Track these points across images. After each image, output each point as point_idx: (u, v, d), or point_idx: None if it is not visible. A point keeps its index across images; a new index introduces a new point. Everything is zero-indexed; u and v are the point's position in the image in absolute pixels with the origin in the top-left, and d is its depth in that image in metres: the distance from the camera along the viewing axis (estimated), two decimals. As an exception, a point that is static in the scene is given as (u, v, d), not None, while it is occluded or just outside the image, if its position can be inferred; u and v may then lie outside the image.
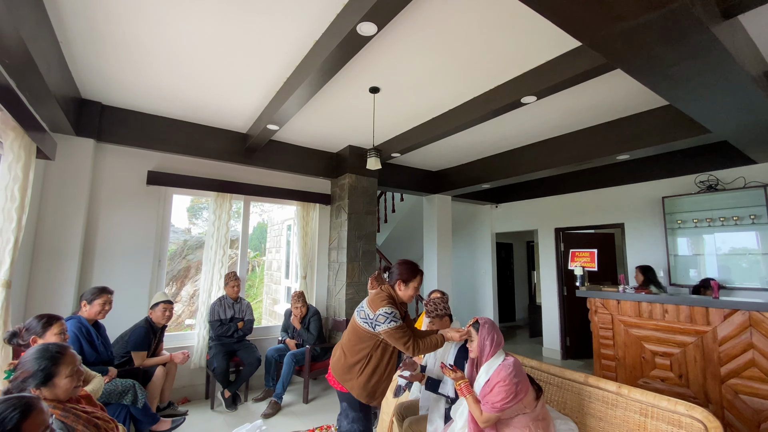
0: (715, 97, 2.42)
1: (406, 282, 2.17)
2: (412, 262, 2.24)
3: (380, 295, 2.14)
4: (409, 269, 2.19)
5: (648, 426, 1.94)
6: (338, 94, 3.28)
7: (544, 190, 6.25)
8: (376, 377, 2.09)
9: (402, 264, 2.22)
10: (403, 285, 2.17)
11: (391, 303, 2.09)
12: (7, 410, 1.09)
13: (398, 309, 2.10)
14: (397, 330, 2.03)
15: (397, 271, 2.20)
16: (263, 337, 4.48)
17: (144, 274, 3.81)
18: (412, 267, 2.21)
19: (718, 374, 3.02)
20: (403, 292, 2.18)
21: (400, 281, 2.18)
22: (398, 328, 2.03)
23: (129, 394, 2.67)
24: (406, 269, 2.19)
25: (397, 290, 2.18)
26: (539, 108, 3.52)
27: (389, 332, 2.02)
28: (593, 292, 3.87)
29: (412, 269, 2.20)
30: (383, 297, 2.12)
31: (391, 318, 2.03)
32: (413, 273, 2.19)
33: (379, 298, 2.11)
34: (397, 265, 2.22)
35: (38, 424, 1.13)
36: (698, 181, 4.42)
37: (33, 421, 1.12)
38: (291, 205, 4.94)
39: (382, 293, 2.15)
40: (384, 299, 2.10)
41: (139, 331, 3.19)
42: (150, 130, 3.79)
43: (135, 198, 3.82)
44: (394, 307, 2.08)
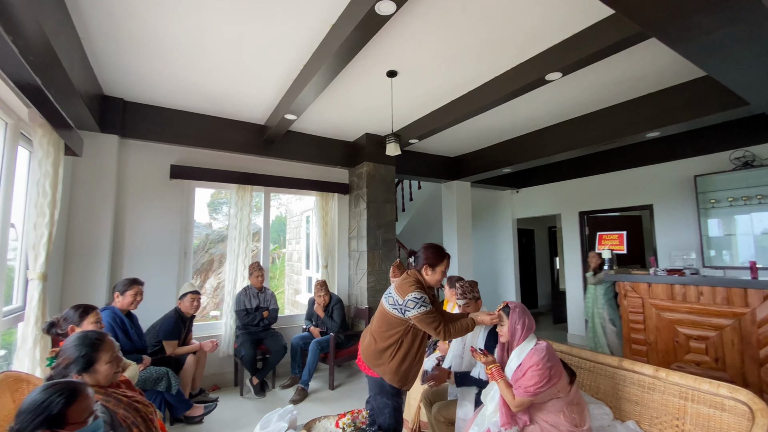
0: (756, 65, 2.27)
1: (433, 266, 2.14)
2: (439, 246, 2.20)
3: (408, 280, 2.12)
4: (435, 253, 2.16)
5: (688, 409, 1.87)
6: (355, 80, 3.23)
7: (567, 172, 6.08)
8: (408, 362, 2.09)
9: (428, 248, 2.19)
10: (430, 270, 2.15)
11: (419, 288, 2.06)
12: (54, 395, 1.12)
13: (427, 293, 2.08)
14: (428, 315, 2.00)
15: (423, 255, 2.17)
16: (288, 326, 4.55)
17: (171, 266, 3.90)
18: (438, 251, 2.17)
19: (758, 357, 2.90)
20: (430, 276, 2.15)
21: (427, 266, 2.15)
22: (428, 313, 2.01)
23: (163, 381, 2.75)
24: (432, 253, 2.16)
25: (424, 275, 2.15)
26: (563, 86, 3.39)
27: (419, 317, 2.00)
28: (622, 276, 3.76)
29: (438, 253, 2.16)
30: (411, 282, 2.09)
31: (421, 303, 2.01)
32: (440, 257, 2.15)
33: (407, 284, 2.09)
34: (423, 250, 2.19)
35: (83, 409, 1.16)
36: (733, 158, 4.20)
37: (79, 406, 1.15)
38: (310, 195, 4.96)
39: (410, 278, 2.13)
40: (412, 284, 2.08)
41: (169, 321, 3.28)
42: (171, 125, 3.84)
43: (159, 192, 3.90)
44: (423, 291, 2.06)
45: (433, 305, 2.10)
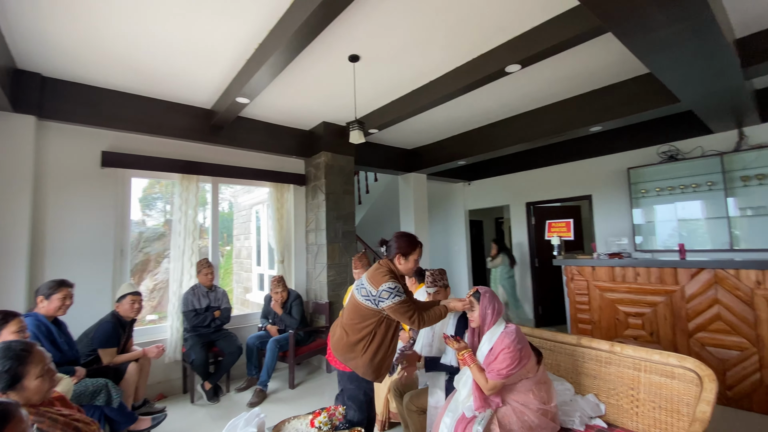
0: (692, 63, 2.49)
1: (406, 255, 2.10)
2: (411, 235, 2.16)
3: (380, 270, 2.05)
4: (408, 242, 2.11)
5: (641, 379, 2.02)
6: (314, 63, 3.07)
7: (516, 165, 6.37)
8: (381, 354, 2.03)
9: (400, 237, 2.14)
10: (403, 258, 2.10)
11: (393, 277, 2.01)
12: None
13: (400, 282, 2.03)
14: (402, 304, 1.96)
15: (396, 244, 2.11)
16: (241, 326, 4.28)
17: (105, 266, 3.48)
18: (411, 239, 2.13)
19: (686, 329, 3.25)
20: (403, 265, 2.10)
21: (400, 255, 2.10)
22: (403, 302, 1.96)
23: (102, 394, 2.44)
24: (405, 242, 2.11)
25: (397, 264, 2.10)
26: (519, 80, 3.51)
27: (394, 307, 1.95)
28: (570, 261, 4.02)
29: (411, 242, 2.12)
30: (384, 272, 2.03)
31: (395, 293, 1.95)
32: (412, 245, 2.11)
33: (380, 274, 2.02)
34: (396, 239, 2.14)
35: (18, 431, 0.95)
36: (660, 152, 4.65)
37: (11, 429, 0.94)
38: (263, 186, 4.69)
39: (382, 268, 2.06)
40: (385, 274, 2.02)
41: (106, 327, 2.91)
42: (101, 106, 3.40)
43: (89, 182, 3.44)
44: (397, 281, 2.01)
45: (406, 294, 2.06)
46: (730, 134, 4.19)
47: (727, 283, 3.04)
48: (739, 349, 2.97)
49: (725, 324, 3.04)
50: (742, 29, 2.80)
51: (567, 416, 2.04)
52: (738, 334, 2.98)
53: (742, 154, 4.08)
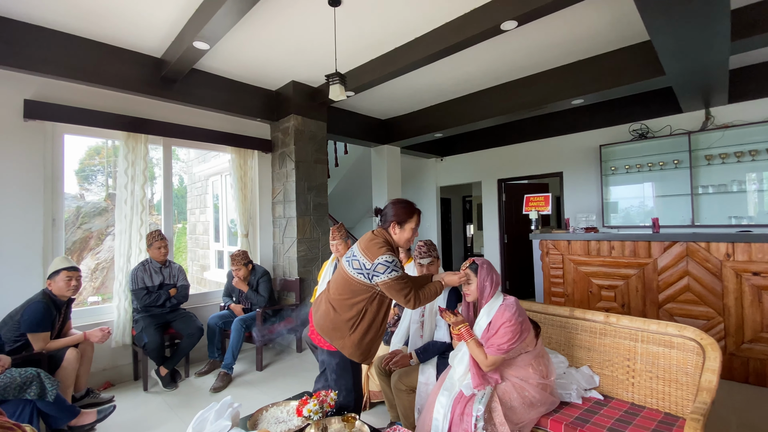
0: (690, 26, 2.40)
1: (401, 224, 1.87)
2: (408, 201, 1.93)
3: (376, 241, 1.81)
4: (404, 209, 1.88)
5: (638, 350, 1.98)
6: (287, 5, 2.67)
7: (489, 141, 6.30)
8: (371, 334, 1.82)
9: (396, 203, 1.90)
10: (398, 227, 1.87)
11: (390, 250, 1.79)
12: None
13: (397, 256, 1.80)
14: (398, 281, 1.74)
15: (392, 211, 1.88)
16: (200, 305, 3.90)
17: (34, 237, 2.94)
18: (408, 206, 1.90)
19: (657, 300, 3.33)
20: (399, 235, 1.88)
21: (395, 223, 1.87)
22: (399, 278, 1.74)
23: (33, 387, 2.04)
24: (401, 209, 1.88)
25: (392, 233, 1.88)
26: (506, 43, 3.32)
27: (389, 283, 1.73)
28: (546, 235, 4.00)
29: (407, 208, 1.89)
30: (380, 243, 1.80)
31: (392, 267, 1.73)
32: (409, 212, 1.89)
33: (375, 245, 1.79)
34: (391, 205, 1.91)
35: None
36: (631, 130, 4.72)
37: None
38: (224, 152, 4.22)
39: (378, 239, 1.83)
40: (382, 246, 1.78)
41: (36, 307, 2.46)
42: (24, 44, 2.78)
43: (9, 137, 2.85)
44: (394, 254, 1.79)
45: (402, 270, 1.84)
46: (697, 114, 4.31)
47: (698, 255, 3.12)
48: (705, 318, 3.09)
49: (694, 295, 3.15)
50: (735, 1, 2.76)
51: (563, 389, 1.97)
52: (705, 305, 3.09)
53: (707, 134, 4.22)
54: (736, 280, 2.97)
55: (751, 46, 2.93)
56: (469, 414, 1.72)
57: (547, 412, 1.82)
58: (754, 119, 3.97)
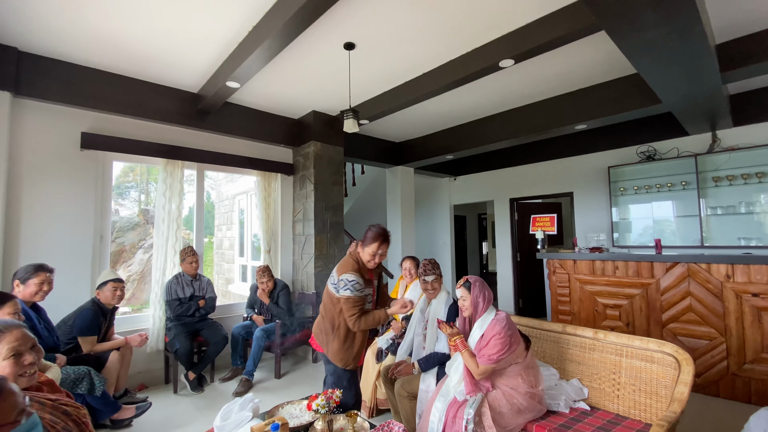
0: (676, 65, 2.60)
1: (364, 245, 2.17)
2: (380, 230, 2.18)
3: (347, 260, 2.17)
4: (371, 234, 2.16)
5: (623, 364, 2.12)
6: (308, 49, 3.04)
7: (501, 162, 6.49)
8: (348, 343, 2.12)
9: (370, 228, 2.20)
10: (361, 247, 2.19)
11: (356, 270, 2.09)
12: None
13: (363, 277, 2.11)
14: (349, 300, 2.04)
15: (365, 234, 2.21)
16: (226, 315, 4.22)
17: (84, 252, 3.35)
18: (375, 233, 2.17)
19: (660, 320, 3.41)
20: (361, 254, 2.18)
21: (361, 243, 2.20)
22: (351, 298, 2.04)
23: (84, 383, 2.37)
24: (368, 233, 2.18)
25: (358, 249, 2.20)
26: (509, 76, 3.57)
27: (343, 299, 2.05)
28: (553, 254, 4.14)
29: (372, 235, 2.16)
30: (350, 264, 2.13)
31: (350, 286, 2.04)
32: (372, 239, 2.15)
33: (345, 264, 2.14)
34: (367, 228, 2.22)
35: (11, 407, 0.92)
36: (639, 152, 4.84)
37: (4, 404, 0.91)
38: (251, 175, 4.61)
39: (350, 259, 2.17)
40: (351, 265, 2.12)
41: (87, 314, 2.82)
42: (82, 85, 3.25)
43: (68, 164, 3.30)
44: (359, 275, 2.08)
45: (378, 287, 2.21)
46: (704, 137, 4.40)
47: (699, 276, 3.21)
48: (708, 339, 3.15)
49: (696, 315, 3.22)
50: (721, 35, 2.94)
51: (553, 399, 2.13)
52: (707, 325, 3.16)
53: (714, 156, 4.30)
54: (736, 301, 3.04)
55: (741, 77, 3.07)
56: (461, 417, 1.91)
57: (534, 419, 1.99)
58: (760, 142, 4.03)
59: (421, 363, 2.42)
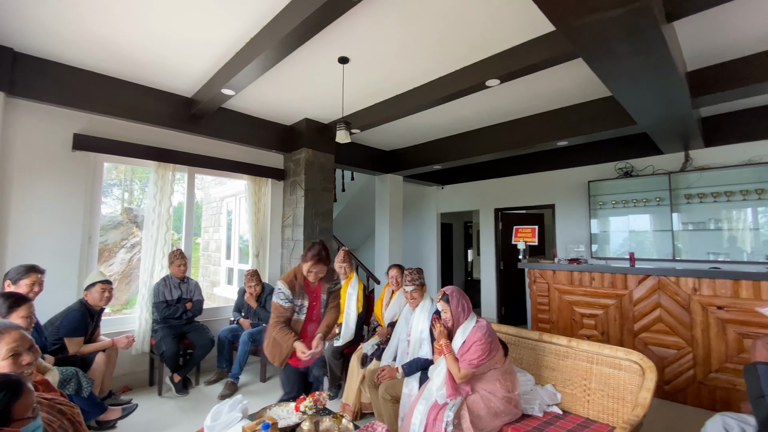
0: (649, 91, 2.79)
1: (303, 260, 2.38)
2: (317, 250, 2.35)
3: (289, 271, 2.39)
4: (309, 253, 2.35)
5: (594, 371, 2.26)
6: (304, 61, 3.13)
7: (487, 173, 6.68)
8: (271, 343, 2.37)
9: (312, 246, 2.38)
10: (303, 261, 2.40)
11: (288, 280, 2.32)
12: None
13: (294, 288, 2.32)
14: (275, 306, 2.30)
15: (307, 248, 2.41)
16: (212, 319, 4.24)
17: (73, 252, 3.35)
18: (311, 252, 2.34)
19: (633, 329, 3.59)
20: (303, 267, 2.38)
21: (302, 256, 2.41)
22: (274, 304, 2.30)
23: (72, 383, 2.39)
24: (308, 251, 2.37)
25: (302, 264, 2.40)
26: (496, 93, 3.73)
27: (272, 303, 2.32)
28: (533, 264, 4.30)
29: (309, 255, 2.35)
30: (289, 272, 2.37)
31: (278, 293, 2.31)
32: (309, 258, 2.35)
33: (286, 273, 2.38)
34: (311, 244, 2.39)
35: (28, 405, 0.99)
36: (617, 168, 5.07)
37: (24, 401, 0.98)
38: (241, 179, 4.66)
39: (292, 271, 2.39)
40: (287, 275, 2.36)
41: (74, 315, 2.83)
42: (76, 86, 3.27)
43: (58, 165, 3.31)
44: (288, 285, 2.30)
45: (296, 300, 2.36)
46: (677, 156, 4.64)
47: (669, 289, 3.40)
48: (676, 348, 3.33)
49: (665, 325, 3.40)
50: (692, 63, 3.15)
51: (528, 404, 2.25)
52: (676, 335, 3.34)
53: (687, 174, 4.54)
54: (702, 313, 3.23)
55: (710, 102, 3.29)
56: (440, 420, 2.01)
57: (510, 422, 2.10)
58: (729, 162, 4.29)
59: (405, 368, 2.52)
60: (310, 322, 2.48)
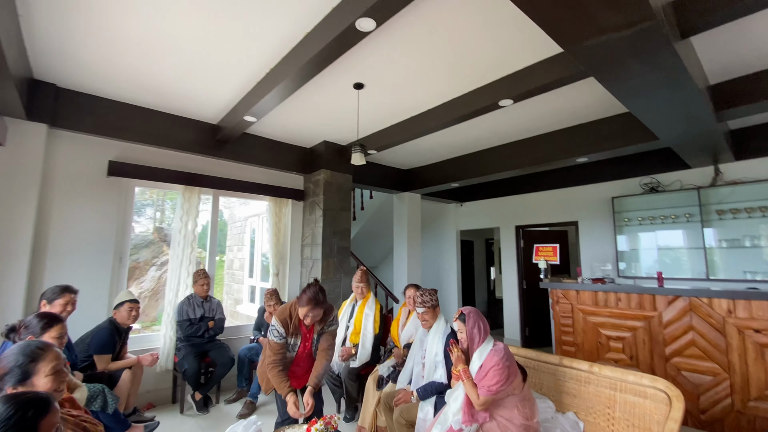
0: (668, 107, 2.74)
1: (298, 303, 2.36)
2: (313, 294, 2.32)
3: (284, 308, 2.41)
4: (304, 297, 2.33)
5: (617, 398, 2.16)
6: (321, 88, 3.26)
7: (506, 189, 6.60)
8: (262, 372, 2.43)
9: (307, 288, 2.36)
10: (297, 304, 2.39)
11: (283, 318, 2.35)
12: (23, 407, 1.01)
13: (287, 326, 2.34)
14: (270, 343, 2.35)
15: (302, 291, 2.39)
16: (234, 337, 4.33)
17: (104, 272, 3.54)
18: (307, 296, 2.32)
19: (664, 354, 3.41)
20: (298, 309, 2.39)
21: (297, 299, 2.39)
22: (272, 342, 2.34)
23: (98, 400, 2.48)
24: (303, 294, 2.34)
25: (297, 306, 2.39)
26: (512, 111, 3.74)
27: (267, 338, 2.37)
28: (555, 284, 4.18)
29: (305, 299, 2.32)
30: (284, 310, 2.38)
31: (272, 331, 2.36)
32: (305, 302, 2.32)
33: (281, 310, 2.40)
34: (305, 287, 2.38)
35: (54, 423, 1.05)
36: (642, 183, 4.91)
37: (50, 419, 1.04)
38: (262, 200, 4.81)
39: (286, 307, 2.41)
40: (281, 312, 2.38)
41: (103, 333, 2.97)
42: (111, 117, 3.52)
43: (94, 190, 3.53)
44: (282, 323, 2.33)
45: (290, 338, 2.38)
46: (707, 170, 4.46)
47: (701, 310, 3.22)
48: (712, 375, 3.13)
49: (699, 350, 3.21)
50: (714, 76, 3.06)
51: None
52: (711, 360, 3.14)
53: (717, 189, 4.35)
54: (738, 337, 3.04)
55: (737, 115, 3.17)
56: (455, 446, 1.96)
57: (529, 451, 2.02)
58: (762, 176, 4.08)
59: (420, 392, 2.48)
60: (300, 359, 2.51)
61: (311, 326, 2.46)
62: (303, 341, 2.46)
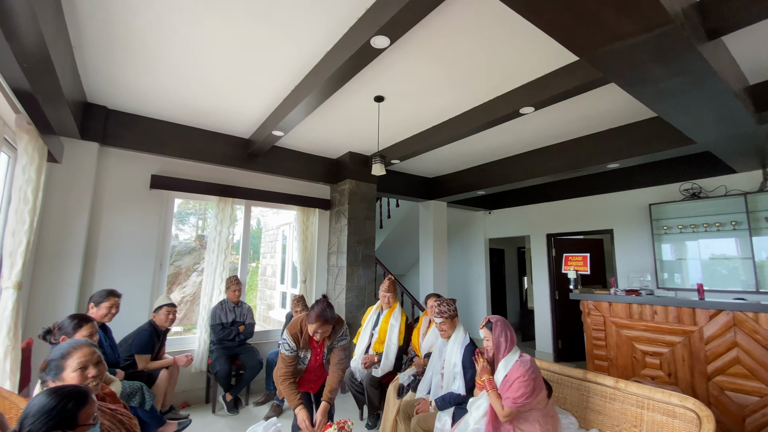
0: (700, 111, 2.61)
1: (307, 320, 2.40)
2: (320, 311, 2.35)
3: (295, 322, 2.46)
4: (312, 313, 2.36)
5: (644, 417, 2.06)
6: (343, 102, 3.38)
7: (536, 197, 6.44)
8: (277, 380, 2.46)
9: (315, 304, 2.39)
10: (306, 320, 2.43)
11: (293, 332, 2.40)
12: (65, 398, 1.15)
13: (297, 340, 2.39)
14: (281, 355, 2.42)
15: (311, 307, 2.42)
16: (263, 341, 4.50)
17: (146, 278, 3.81)
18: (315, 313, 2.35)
19: (705, 372, 3.18)
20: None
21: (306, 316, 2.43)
22: (282, 355, 2.40)
23: (137, 396, 2.68)
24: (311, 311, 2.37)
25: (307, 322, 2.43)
26: (536, 118, 3.68)
27: (279, 351, 2.43)
28: (586, 295, 4.03)
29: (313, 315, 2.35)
30: (294, 324, 2.44)
31: (283, 343, 2.42)
32: (313, 319, 2.35)
33: (292, 324, 2.46)
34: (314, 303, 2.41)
35: (92, 412, 1.19)
36: (682, 189, 4.64)
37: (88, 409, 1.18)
38: (291, 209, 5.00)
39: (296, 321, 2.46)
40: (292, 326, 2.43)
41: (143, 335, 3.20)
42: (154, 135, 3.83)
43: (138, 202, 3.84)
44: (293, 337, 2.39)
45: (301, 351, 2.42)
46: (754, 174, 4.17)
47: (746, 326, 2.99)
48: (759, 395, 2.89)
49: (744, 368, 2.98)
50: (754, 76, 2.88)
51: (570, 449, 2.09)
52: (757, 380, 2.90)
53: (766, 194, 4.04)
54: (790, 356, 2.79)
55: (782, 118, 2.95)
56: (471, 457, 1.95)
57: (547, 468, 1.97)
58: (820, 181, 3.75)
59: (438, 402, 2.48)
60: (309, 372, 2.56)
61: (321, 341, 2.52)
62: (314, 355, 2.52)
